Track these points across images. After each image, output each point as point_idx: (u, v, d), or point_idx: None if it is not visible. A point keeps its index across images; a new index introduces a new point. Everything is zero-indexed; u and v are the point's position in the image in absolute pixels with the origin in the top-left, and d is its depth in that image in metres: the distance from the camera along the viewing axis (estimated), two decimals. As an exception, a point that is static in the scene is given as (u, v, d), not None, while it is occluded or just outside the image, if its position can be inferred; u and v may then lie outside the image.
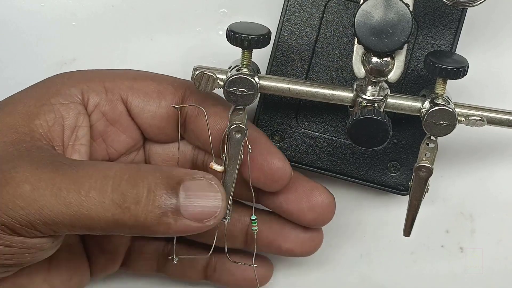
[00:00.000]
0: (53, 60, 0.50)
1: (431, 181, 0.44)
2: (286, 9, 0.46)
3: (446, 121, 0.42)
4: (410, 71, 0.46)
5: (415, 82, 0.46)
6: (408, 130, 0.47)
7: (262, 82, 0.43)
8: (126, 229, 0.39)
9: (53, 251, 0.42)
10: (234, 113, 0.43)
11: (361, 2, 0.39)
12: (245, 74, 0.42)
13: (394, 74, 0.41)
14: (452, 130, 0.42)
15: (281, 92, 0.43)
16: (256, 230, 0.45)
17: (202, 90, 0.43)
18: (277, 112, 0.48)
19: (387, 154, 0.48)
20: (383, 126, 0.41)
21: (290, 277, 0.54)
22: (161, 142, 0.47)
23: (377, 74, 0.41)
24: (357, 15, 0.39)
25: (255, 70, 0.43)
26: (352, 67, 0.41)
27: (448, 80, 0.42)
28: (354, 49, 0.41)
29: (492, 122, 0.43)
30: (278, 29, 0.46)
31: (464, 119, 0.43)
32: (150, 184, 0.39)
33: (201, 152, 0.47)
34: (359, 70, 0.41)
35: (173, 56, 0.50)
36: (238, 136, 0.43)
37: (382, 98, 0.42)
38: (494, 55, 0.49)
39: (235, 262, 0.49)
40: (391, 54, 0.40)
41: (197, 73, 0.42)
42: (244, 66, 0.42)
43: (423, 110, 0.42)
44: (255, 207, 0.46)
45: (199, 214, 0.40)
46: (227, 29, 0.41)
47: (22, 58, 0.51)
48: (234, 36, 0.41)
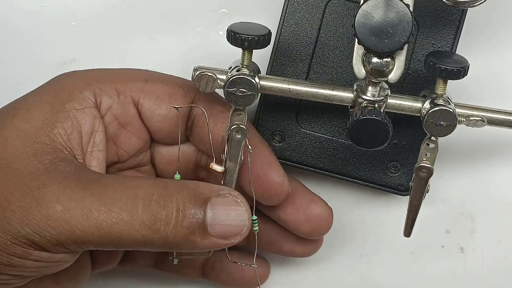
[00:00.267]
0: (53, 60, 0.50)
1: (431, 181, 0.44)
2: (287, 9, 0.46)
3: (447, 121, 0.42)
4: (410, 72, 0.46)
5: (416, 83, 0.46)
6: (408, 130, 0.47)
7: (262, 83, 0.43)
8: (154, 247, 0.40)
9: (74, 261, 0.42)
10: (234, 113, 0.43)
11: (361, 2, 0.39)
12: (245, 74, 0.42)
13: (394, 75, 0.41)
14: (452, 131, 0.42)
15: (281, 92, 0.43)
16: (257, 230, 0.45)
17: (202, 91, 0.43)
18: (277, 112, 0.48)
19: (388, 155, 0.48)
20: (384, 127, 0.41)
21: (290, 277, 0.54)
22: (167, 144, 0.47)
23: (377, 74, 0.41)
24: (357, 16, 0.39)
25: (256, 71, 0.43)
26: (352, 68, 0.41)
27: (448, 80, 0.42)
28: (355, 49, 0.41)
29: (492, 122, 0.43)
30: (278, 29, 0.46)
31: (464, 120, 0.43)
32: (178, 203, 0.40)
33: (204, 154, 0.47)
34: (360, 70, 0.41)
35: (173, 56, 0.50)
36: (239, 136, 0.43)
37: (383, 98, 0.42)
38: (494, 55, 0.49)
39: (236, 262, 0.49)
40: (392, 54, 0.40)
41: (197, 73, 0.42)
42: (244, 66, 0.42)
43: (424, 111, 0.42)
44: (257, 208, 0.46)
45: (226, 232, 0.40)
46: (228, 29, 0.41)
47: (22, 58, 0.51)
48: (235, 36, 0.41)
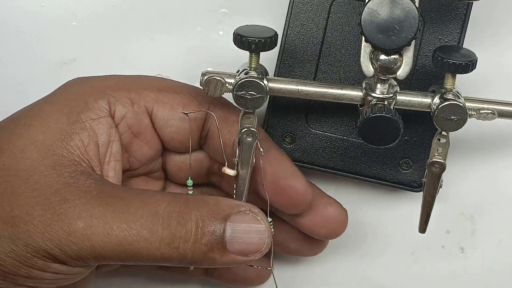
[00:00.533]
0: (53, 60, 0.50)
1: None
2: (292, 10, 0.46)
3: (457, 115, 0.42)
4: (418, 67, 0.46)
5: (424, 78, 0.46)
6: (418, 126, 0.47)
7: (271, 85, 0.43)
8: (172, 263, 0.40)
9: (89, 272, 0.43)
10: (244, 116, 0.43)
11: (366, 0, 0.39)
12: (253, 77, 0.42)
13: (402, 71, 0.41)
14: (463, 125, 0.42)
15: (290, 93, 0.43)
16: (272, 232, 0.45)
17: (211, 95, 0.43)
18: (287, 114, 0.48)
19: (399, 152, 0.48)
20: (394, 124, 0.41)
21: (290, 277, 0.54)
22: (180, 153, 0.47)
23: (385, 71, 0.41)
24: (363, 14, 0.39)
25: (264, 73, 0.43)
26: (360, 66, 0.41)
27: (457, 74, 0.42)
28: (362, 47, 0.41)
29: (503, 115, 0.43)
30: (284, 30, 0.46)
31: (474, 113, 0.43)
32: (198, 220, 0.40)
33: (217, 161, 0.47)
34: (368, 68, 0.41)
35: (173, 56, 0.50)
36: (249, 139, 0.43)
37: (392, 95, 0.42)
38: (502, 48, 0.49)
39: (252, 266, 0.49)
40: (399, 51, 0.40)
41: (205, 78, 0.42)
42: (252, 69, 0.42)
43: (434, 106, 0.42)
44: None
45: (245, 249, 0.40)
46: (234, 32, 0.41)
47: (22, 58, 0.50)
48: (241, 39, 0.41)
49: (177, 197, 0.41)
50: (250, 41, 0.41)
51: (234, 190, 0.44)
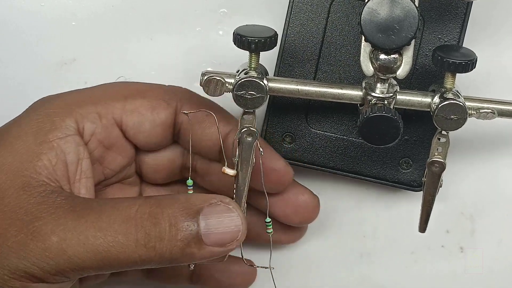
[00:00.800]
0: (53, 60, 0.50)
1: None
2: (292, 10, 0.46)
3: (457, 115, 0.42)
4: (418, 67, 0.46)
5: (424, 78, 0.46)
6: (418, 126, 0.47)
7: (271, 84, 0.43)
8: (153, 264, 0.40)
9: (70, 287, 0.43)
10: (244, 116, 0.43)
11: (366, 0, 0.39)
12: (253, 77, 0.42)
13: (402, 71, 0.41)
14: (463, 124, 0.42)
15: (290, 93, 0.43)
16: (271, 232, 0.45)
17: (211, 95, 0.43)
18: (286, 113, 0.48)
19: (399, 151, 0.48)
20: (394, 123, 0.41)
21: (290, 277, 0.54)
22: (153, 151, 0.47)
23: (385, 71, 0.41)
24: (363, 13, 0.39)
25: (263, 73, 0.43)
26: (360, 65, 0.41)
27: (456, 74, 0.42)
28: (362, 47, 0.41)
29: (503, 114, 0.43)
30: (284, 30, 0.46)
31: (474, 112, 0.43)
32: (170, 218, 0.40)
33: (189, 156, 0.47)
34: (368, 68, 0.41)
35: (173, 56, 0.50)
36: (249, 139, 0.43)
37: (392, 95, 0.42)
38: (502, 48, 0.49)
39: (252, 265, 0.49)
40: (399, 50, 0.40)
41: (205, 78, 0.42)
42: (252, 69, 0.42)
43: (433, 105, 0.42)
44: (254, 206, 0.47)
45: (221, 239, 0.40)
46: (234, 32, 0.41)
47: (22, 58, 0.50)
48: (241, 39, 0.41)
49: (148, 199, 0.41)
50: (250, 41, 0.41)
51: (234, 190, 0.44)
